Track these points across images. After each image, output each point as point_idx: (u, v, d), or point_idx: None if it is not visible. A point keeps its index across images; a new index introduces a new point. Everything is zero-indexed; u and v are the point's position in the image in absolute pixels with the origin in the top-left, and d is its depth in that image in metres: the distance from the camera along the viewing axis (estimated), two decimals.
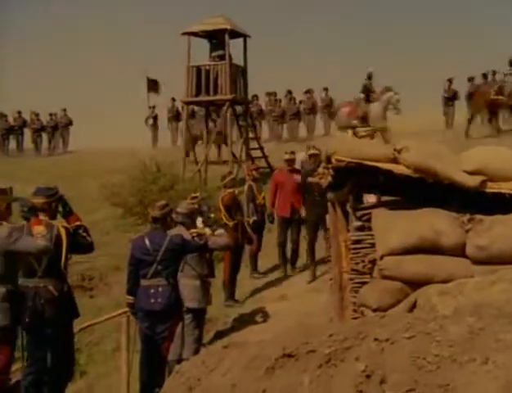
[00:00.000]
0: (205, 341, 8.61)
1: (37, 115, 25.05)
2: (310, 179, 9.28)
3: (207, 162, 17.84)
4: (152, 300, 6.23)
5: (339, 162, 5.26)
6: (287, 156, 10.59)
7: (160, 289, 6.25)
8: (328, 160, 5.50)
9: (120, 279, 13.00)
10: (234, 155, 17.90)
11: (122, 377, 7.60)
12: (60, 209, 5.41)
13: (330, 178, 5.63)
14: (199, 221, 7.05)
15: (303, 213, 9.97)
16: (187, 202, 7.28)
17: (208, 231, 6.71)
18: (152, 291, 6.22)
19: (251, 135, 19.28)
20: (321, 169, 6.00)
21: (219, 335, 8.89)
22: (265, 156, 18.11)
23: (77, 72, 50.32)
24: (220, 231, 6.76)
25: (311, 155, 10.12)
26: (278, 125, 23.38)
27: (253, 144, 18.97)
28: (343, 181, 5.54)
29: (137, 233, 7.57)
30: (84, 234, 5.32)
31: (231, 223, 9.42)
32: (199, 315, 7.14)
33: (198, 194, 8.40)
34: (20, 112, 25.09)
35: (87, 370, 9.81)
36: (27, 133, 25.21)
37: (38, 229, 4.95)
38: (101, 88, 50.40)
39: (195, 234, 6.51)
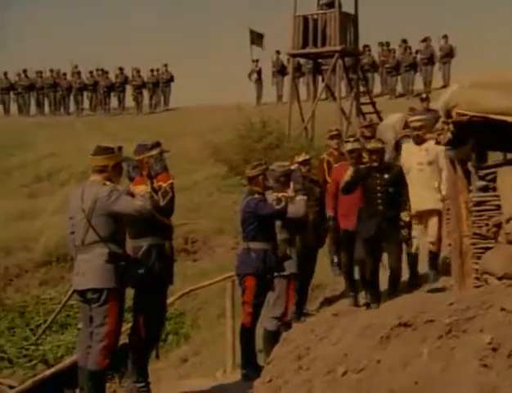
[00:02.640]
0: (313, 309, 8.70)
1: (138, 71, 25.70)
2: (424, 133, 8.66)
3: (314, 119, 17.74)
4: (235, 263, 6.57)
5: (460, 116, 5.09)
6: (350, 146, 8.04)
7: (240, 252, 6.51)
8: (448, 114, 5.32)
9: (224, 242, 13.32)
10: (343, 111, 17.70)
11: (227, 343, 7.79)
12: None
13: (449, 135, 5.45)
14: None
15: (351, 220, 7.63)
16: (280, 164, 7.20)
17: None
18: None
19: (362, 89, 18.98)
20: (439, 125, 5.82)
21: (327, 302, 8.94)
22: (377, 112, 17.80)
23: (179, 26, 51.17)
24: (300, 197, 6.68)
25: (351, 151, 7.90)
26: (392, 78, 22.86)
27: (364, 99, 18.68)
28: (464, 137, 5.36)
29: (241, 194, 7.67)
30: (156, 197, 5.11)
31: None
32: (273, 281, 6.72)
33: (307, 156, 8.34)
34: (121, 68, 25.81)
35: (191, 335, 10.15)
36: (128, 90, 25.97)
37: (139, 189, 5.01)
38: (203, 42, 51.04)
39: (275, 198, 6.49)
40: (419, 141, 7.99)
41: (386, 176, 7.38)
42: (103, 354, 4.98)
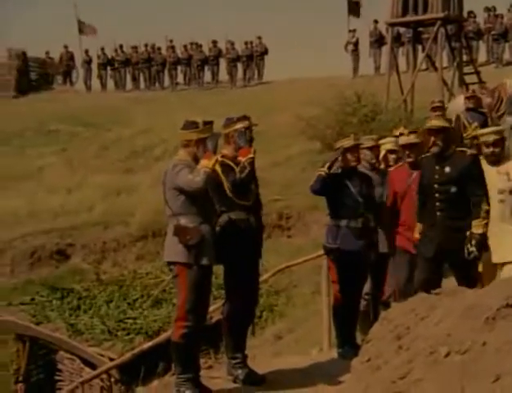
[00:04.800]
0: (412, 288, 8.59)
1: (232, 43, 25.85)
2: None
3: (413, 90, 17.37)
4: None
5: None
6: (404, 139, 6.53)
7: None
8: None
9: (318, 218, 13.31)
10: (445, 82, 17.25)
11: (323, 321, 7.81)
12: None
13: None
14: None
15: (416, 234, 5.92)
16: (369, 137, 7.08)
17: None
18: None
19: (465, 58, 18.43)
20: None
21: None
22: (481, 82, 17.20)
23: None
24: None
25: (405, 146, 6.51)
26: (498, 45, 22.06)
27: (468, 68, 18.13)
28: None
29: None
30: (236, 171, 5.19)
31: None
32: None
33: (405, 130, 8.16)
34: (215, 41, 26.04)
35: (285, 312, 10.24)
36: (222, 63, 26.20)
37: (203, 163, 4.97)
38: (298, 13, 50.80)
39: None
40: (496, 160, 5.76)
41: (448, 169, 5.52)
42: (176, 326, 5.08)
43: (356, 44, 24.06)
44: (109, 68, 27.79)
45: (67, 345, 8.46)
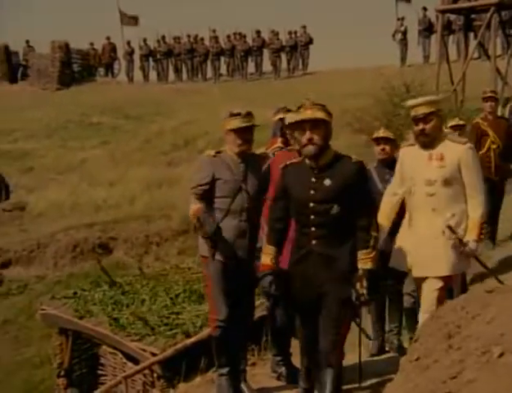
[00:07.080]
0: None
1: (276, 33, 25.83)
2: None
3: (464, 80, 17.11)
4: None
5: None
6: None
7: None
8: None
9: None
10: (498, 71, 16.95)
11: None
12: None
13: None
14: None
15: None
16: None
17: None
18: None
19: None
20: None
21: (478, 278, 8.68)
22: None
23: None
24: None
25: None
26: None
27: None
28: None
29: None
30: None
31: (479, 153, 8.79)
32: None
33: (460, 121, 8.03)
34: (258, 32, 26.07)
35: None
36: (266, 53, 26.21)
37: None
38: (344, 1, 50.46)
39: None
40: (428, 141, 4.70)
41: (328, 182, 4.20)
42: (210, 319, 5.13)
43: (404, 33, 23.84)
44: (151, 59, 28.04)
45: (110, 340, 8.56)
